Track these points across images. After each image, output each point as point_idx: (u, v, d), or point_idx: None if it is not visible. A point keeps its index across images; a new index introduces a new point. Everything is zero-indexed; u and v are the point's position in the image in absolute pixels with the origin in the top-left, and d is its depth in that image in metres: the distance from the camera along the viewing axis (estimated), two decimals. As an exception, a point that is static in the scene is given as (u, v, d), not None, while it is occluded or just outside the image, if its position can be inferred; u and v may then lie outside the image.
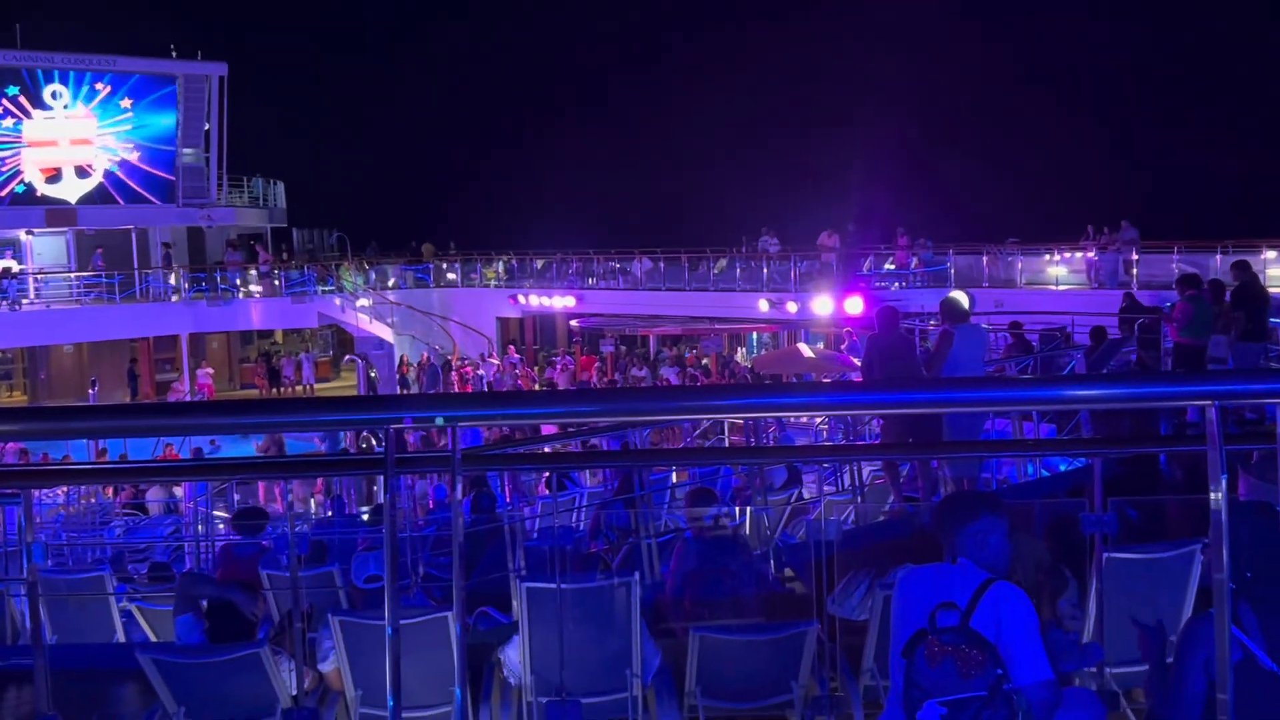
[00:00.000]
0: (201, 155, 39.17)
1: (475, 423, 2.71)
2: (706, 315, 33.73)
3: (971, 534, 3.64)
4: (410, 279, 40.83)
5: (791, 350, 26.03)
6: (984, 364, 10.53)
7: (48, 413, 3.05)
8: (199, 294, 36.73)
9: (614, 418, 2.88)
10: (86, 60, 36.49)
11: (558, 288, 37.55)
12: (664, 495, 11.79)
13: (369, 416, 2.79)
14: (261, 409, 3.02)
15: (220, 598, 5.76)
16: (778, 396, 3.26)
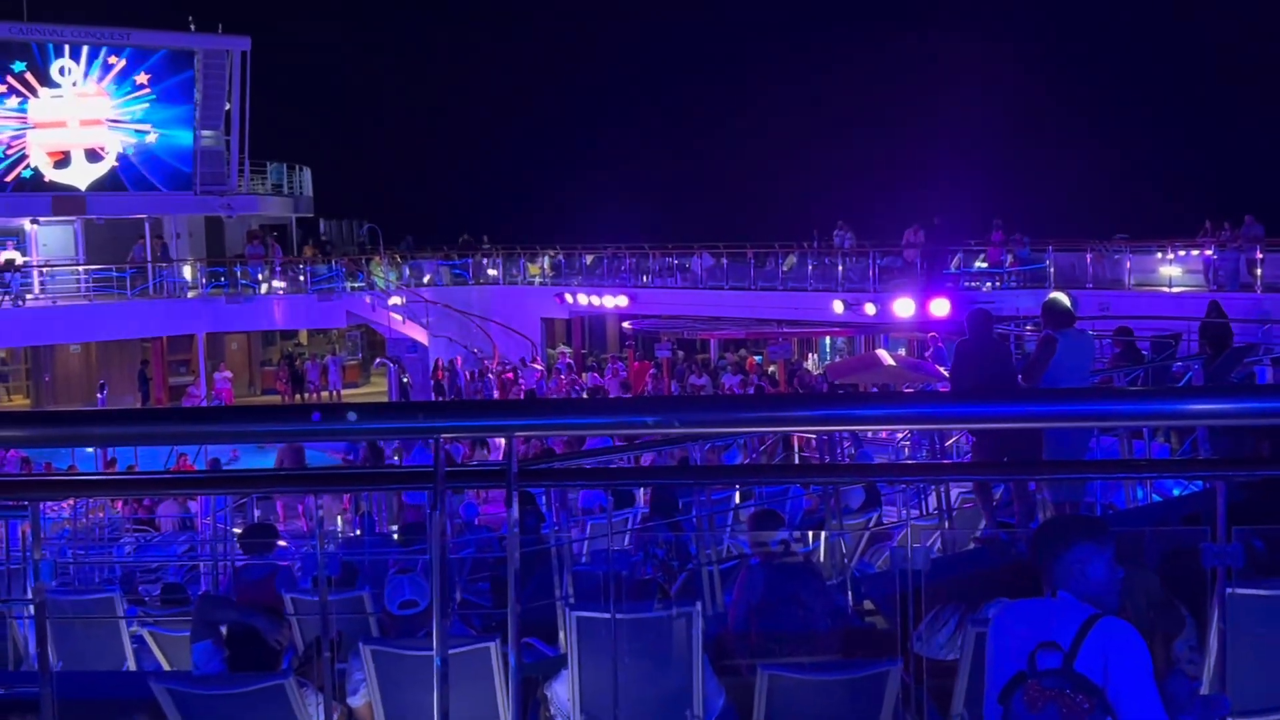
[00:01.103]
0: (221, 138, 39.65)
1: (536, 433, 2.70)
2: (774, 317, 33.62)
3: (1069, 564, 3.61)
4: (447, 275, 41.12)
5: (869, 357, 25.91)
6: (1090, 374, 10.41)
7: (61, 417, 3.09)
8: (217, 290, 37.21)
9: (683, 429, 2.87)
10: (98, 33, 36.99)
11: (609, 286, 37.60)
12: (725, 517, 11.78)
13: (416, 425, 2.80)
14: (297, 415, 3.05)
15: (242, 623, 5.83)
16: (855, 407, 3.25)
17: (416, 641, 5.51)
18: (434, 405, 3.01)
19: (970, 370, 9.64)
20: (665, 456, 11.79)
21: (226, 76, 38.78)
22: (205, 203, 39.26)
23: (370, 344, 44.20)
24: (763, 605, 6.43)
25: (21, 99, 36.03)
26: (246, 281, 37.64)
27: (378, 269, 39.97)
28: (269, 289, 38.21)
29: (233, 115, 39.48)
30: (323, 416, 2.88)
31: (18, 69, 35.82)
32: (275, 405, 29.75)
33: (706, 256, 35.88)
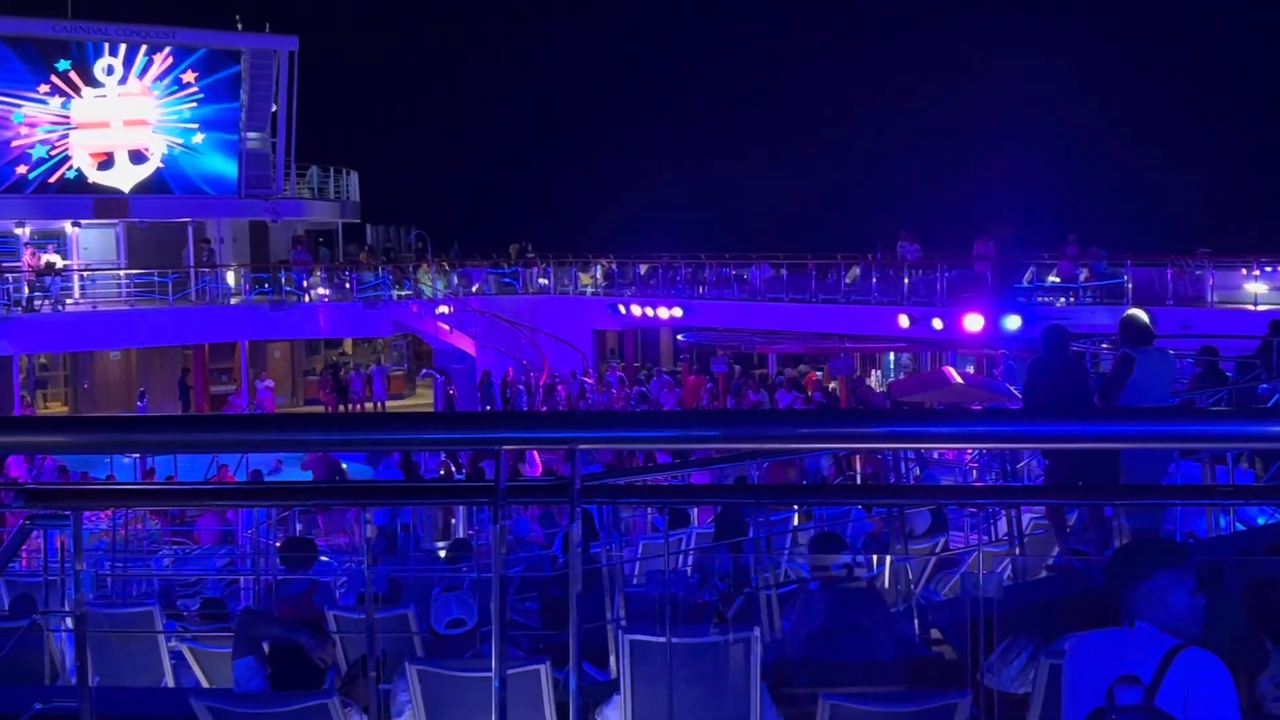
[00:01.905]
0: (268, 140, 40.11)
1: (599, 445, 2.71)
2: (835, 332, 33.48)
3: (1148, 593, 3.57)
4: (496, 284, 41.31)
5: (936, 374, 25.76)
6: (1170, 396, 10.30)
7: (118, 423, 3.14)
8: (261, 296, 37.60)
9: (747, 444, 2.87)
10: (143, 31, 37.52)
11: (663, 297, 37.61)
12: (784, 539, 11.75)
13: (479, 435, 2.82)
14: (363, 424, 3.09)
15: (285, 639, 5.88)
16: (922, 425, 3.24)
17: (464, 662, 5.54)
18: (496, 416, 3.01)
19: (1045, 389, 9.57)
20: (722, 475, 11.78)
21: (273, 77, 39.23)
22: (250, 207, 39.67)
23: (416, 354, 44.50)
24: (824, 632, 6.40)
25: (65, 99, 36.57)
26: (291, 288, 37.98)
27: (425, 277, 40.21)
28: (314, 296, 38.54)
29: (279, 117, 39.93)
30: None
31: (62, 68, 36.36)
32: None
33: (765, 267, 35.80)
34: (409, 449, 17.92)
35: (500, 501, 2.94)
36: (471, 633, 6.02)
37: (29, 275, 34.81)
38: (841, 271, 33.80)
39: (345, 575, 8.35)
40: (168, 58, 37.80)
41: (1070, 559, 9.43)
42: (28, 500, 5.34)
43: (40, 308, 34.35)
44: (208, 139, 38.87)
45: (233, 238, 40.24)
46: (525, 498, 6.27)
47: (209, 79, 38.49)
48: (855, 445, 4.51)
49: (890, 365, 36.71)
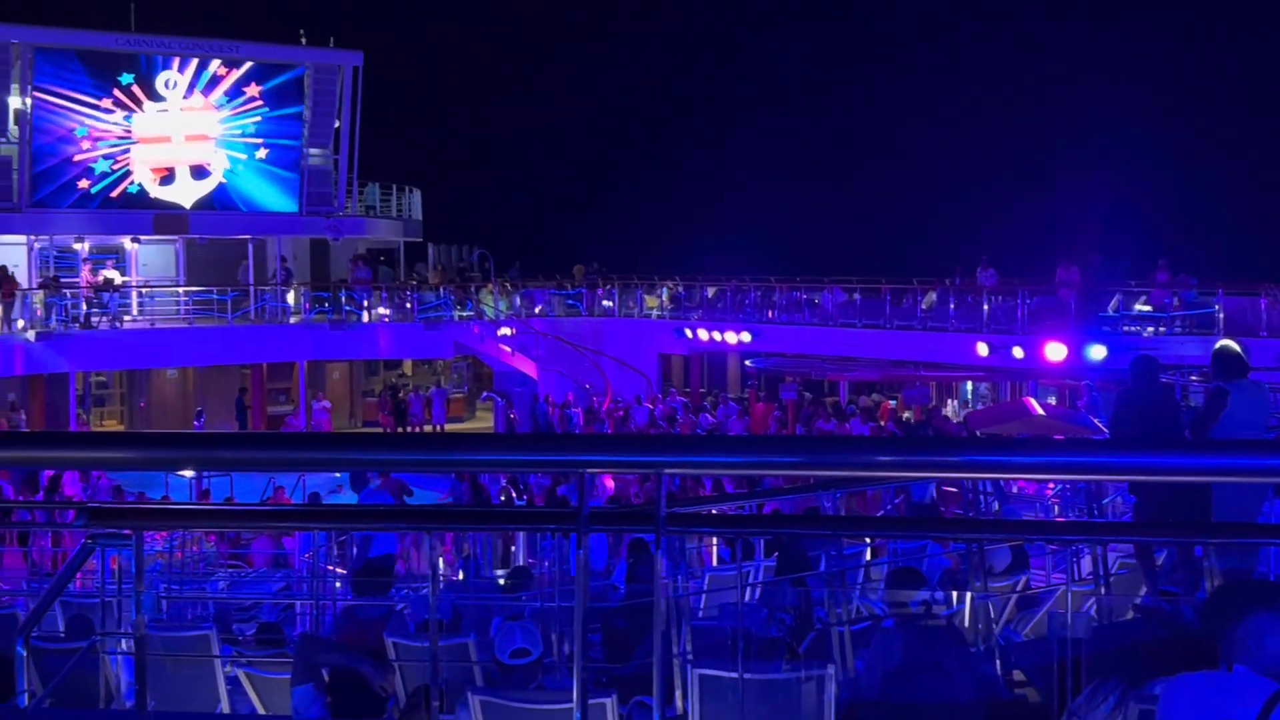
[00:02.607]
0: (330, 157, 40.59)
1: (687, 470, 2.69)
2: (911, 359, 33.29)
3: (1244, 635, 3.53)
4: (560, 305, 41.46)
5: (1016, 405, 25.51)
6: (1265, 431, 10.13)
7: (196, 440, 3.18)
8: (320, 316, 38.00)
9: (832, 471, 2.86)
10: (206, 45, 38.12)
11: (731, 321, 37.55)
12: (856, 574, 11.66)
13: (563, 457, 2.83)
14: (448, 445, 3.10)
15: (346, 667, 5.93)
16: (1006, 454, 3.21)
17: (528, 693, 5.55)
18: (581, 437, 2.99)
19: (1133, 421, 9.45)
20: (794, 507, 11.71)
21: (337, 93, 39.69)
22: (311, 224, 40.10)
23: (477, 377, 44.73)
24: (901, 670, 6.34)
25: (127, 113, 37.18)
26: (351, 308, 38.35)
27: (487, 297, 40.44)
28: (374, 316, 38.89)
29: (342, 133, 40.39)
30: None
31: (125, 82, 36.99)
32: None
33: (838, 291, 35.65)
34: (494, 470, 18.00)
35: (584, 528, 2.94)
36: (535, 663, 6.03)
37: (87, 291, 35.44)
38: (917, 296, 33.63)
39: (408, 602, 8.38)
40: (231, 71, 38.34)
41: (1159, 600, 9.29)
42: (90, 519, 5.43)
43: (98, 324, 34.94)
44: (270, 155, 39.37)
45: (293, 256, 40.70)
46: (609, 525, 6.23)
47: (272, 93, 38.99)
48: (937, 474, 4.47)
49: (968, 395, 36.40)
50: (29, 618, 7.20)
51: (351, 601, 11.12)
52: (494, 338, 39.17)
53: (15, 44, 34.87)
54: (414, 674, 7.14)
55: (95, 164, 36.96)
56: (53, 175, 36.37)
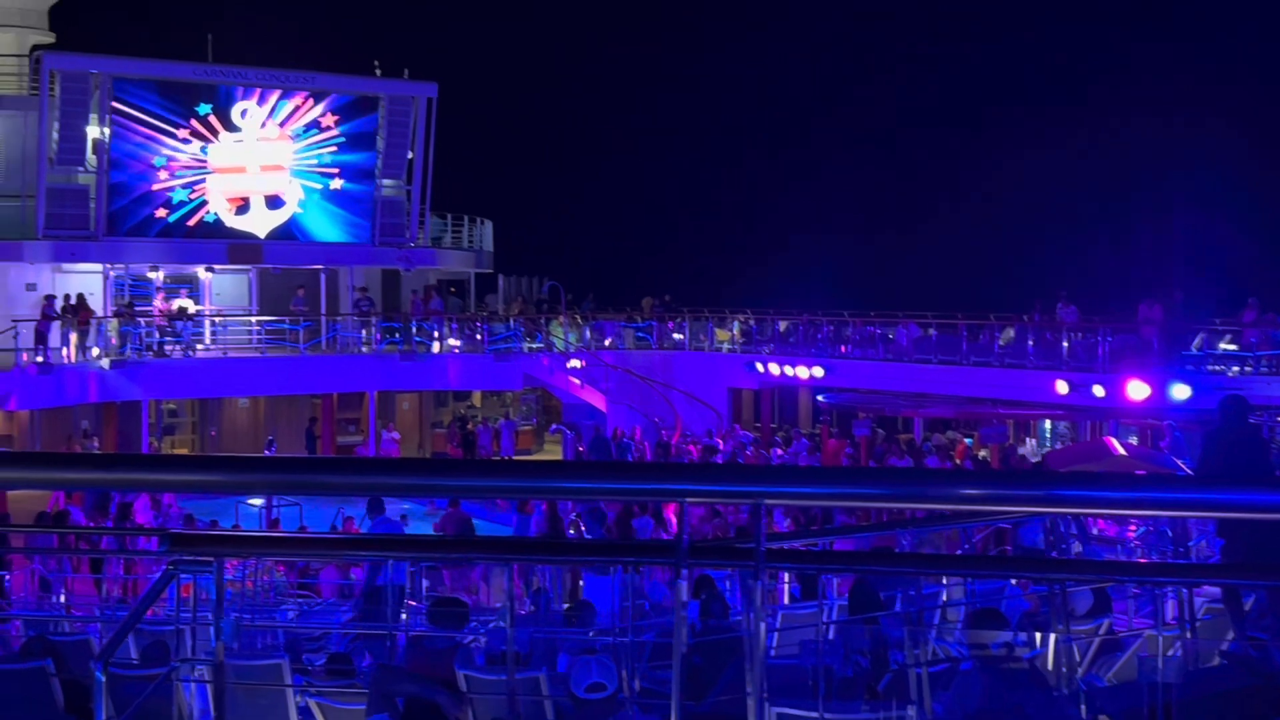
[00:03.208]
0: (403, 188, 41.08)
1: (787, 501, 2.67)
2: (987, 396, 32.98)
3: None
4: (630, 338, 41.54)
5: (1096, 444, 25.22)
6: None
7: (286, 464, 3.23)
8: (391, 346, 38.37)
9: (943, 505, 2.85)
10: (282, 76, 38.73)
11: (803, 355, 37.46)
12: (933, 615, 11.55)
13: (661, 486, 2.83)
14: (547, 472, 3.12)
15: (422, 697, 5.97)
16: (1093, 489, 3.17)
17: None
18: (680, 467, 2.96)
19: (1222, 462, 9.33)
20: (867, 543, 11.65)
21: (411, 124, 40.17)
22: (383, 254, 40.55)
23: (545, 409, 44.88)
24: (981, 714, 6.28)
25: (204, 143, 37.83)
26: (421, 339, 38.68)
27: (557, 329, 40.64)
28: (444, 347, 39.19)
29: (415, 164, 40.86)
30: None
31: (203, 111, 37.63)
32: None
33: (913, 327, 35.46)
34: (591, 499, 18.03)
35: (683, 562, 2.93)
36: (610, 698, 6.03)
37: (161, 320, 36.03)
38: (995, 332, 33.36)
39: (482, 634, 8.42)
40: (306, 102, 38.91)
41: (1247, 646, 9.13)
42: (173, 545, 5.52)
43: (171, 353, 35.49)
44: (344, 185, 39.87)
45: (365, 285, 41.15)
46: (708, 559, 6.19)
47: (347, 124, 39.52)
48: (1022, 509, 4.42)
49: (1046, 434, 35.97)
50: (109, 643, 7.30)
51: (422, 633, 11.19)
52: (563, 370, 39.32)
53: (95, 74, 35.63)
54: (486, 707, 7.17)
55: (174, 193, 37.58)
56: (131, 204, 37.04)
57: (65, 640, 11.99)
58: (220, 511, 27.43)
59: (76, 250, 35.97)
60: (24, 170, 35.68)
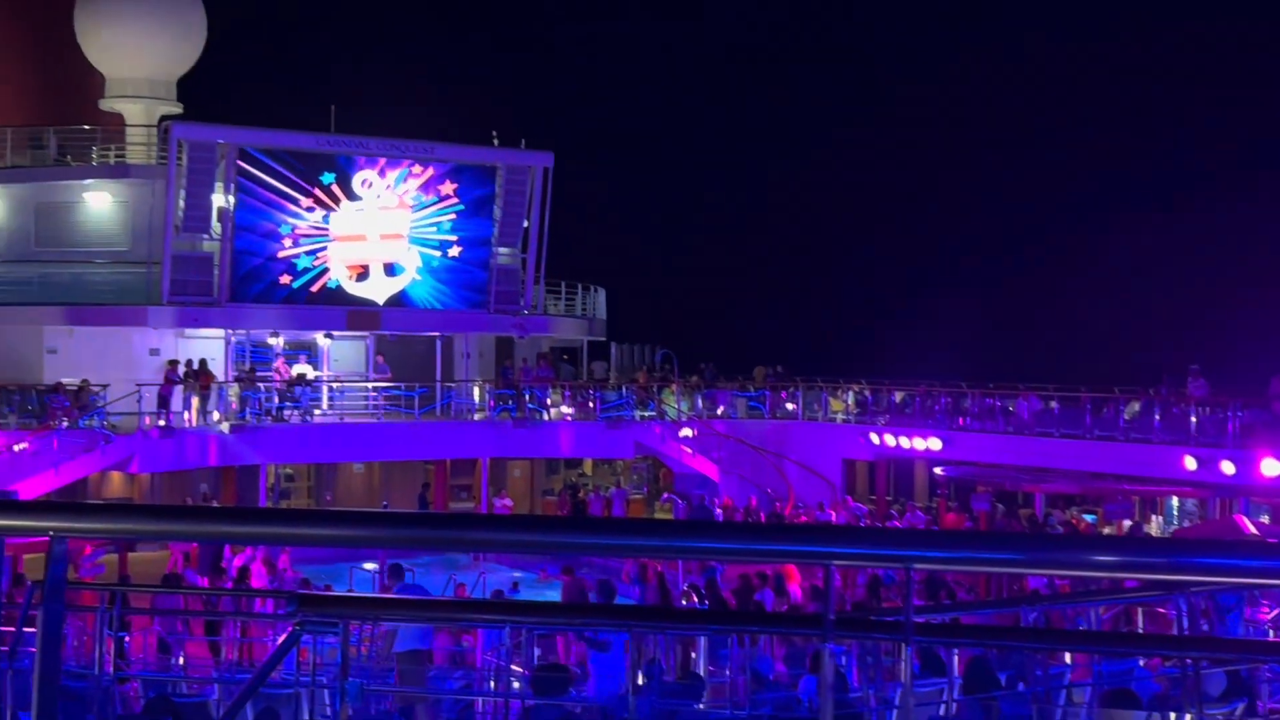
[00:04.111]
0: (518, 256, 41.66)
1: (935, 565, 2.63)
2: (1112, 472, 32.37)
3: None
4: (742, 407, 41.53)
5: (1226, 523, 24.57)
6: None
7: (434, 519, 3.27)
8: (504, 413, 38.76)
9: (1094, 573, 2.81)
10: (402, 146, 39.58)
11: (920, 427, 37.12)
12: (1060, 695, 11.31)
13: (808, 549, 2.82)
14: (693, 532, 3.13)
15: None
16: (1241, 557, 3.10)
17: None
18: (826, 528, 2.89)
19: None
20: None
21: (527, 193, 40.79)
22: (498, 322, 41.07)
23: (656, 477, 44.90)
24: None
25: (326, 211, 38.69)
26: (534, 405, 39.02)
27: (669, 398, 40.74)
28: (556, 414, 39.49)
29: (531, 233, 41.43)
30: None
31: (327, 181, 38.50)
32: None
33: (1034, 399, 34.99)
34: (734, 560, 17.97)
35: (830, 634, 2.90)
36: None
37: (280, 385, 36.79)
38: (1120, 406, 32.82)
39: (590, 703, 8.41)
40: (425, 171, 39.68)
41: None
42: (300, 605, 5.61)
43: (289, 418, 36.21)
44: (461, 253, 40.51)
45: (479, 353, 41.69)
46: (856, 631, 6.07)
47: (465, 193, 40.21)
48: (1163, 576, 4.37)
49: (1173, 511, 35.11)
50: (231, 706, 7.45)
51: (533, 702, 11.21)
52: (675, 438, 39.36)
53: (221, 143, 36.69)
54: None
55: (298, 260, 38.41)
56: (255, 271, 37.91)
57: (185, 701, 12.22)
58: (334, 577, 27.75)
59: (200, 316, 36.88)
60: (150, 237, 36.75)
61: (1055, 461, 33.34)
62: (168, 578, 23.15)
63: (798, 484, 38.30)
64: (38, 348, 35.99)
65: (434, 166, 39.71)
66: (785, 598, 23.16)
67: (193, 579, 24.32)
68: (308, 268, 38.51)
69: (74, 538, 3.56)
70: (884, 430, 37.90)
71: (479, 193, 40.43)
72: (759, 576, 22.49)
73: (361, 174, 38.86)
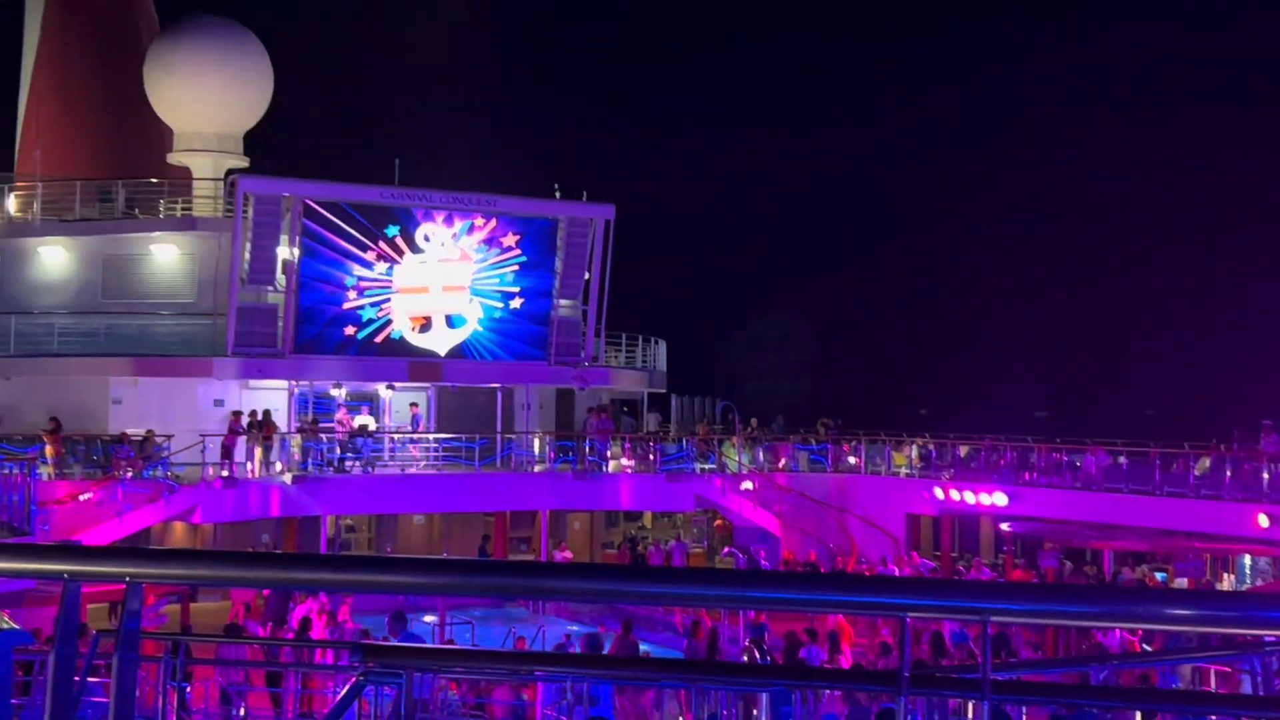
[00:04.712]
0: (579, 308, 41.81)
1: (1014, 619, 2.55)
2: (1182, 529, 31.89)
3: None
4: (804, 461, 41.36)
5: (1301, 582, 24.04)
6: None
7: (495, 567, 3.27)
8: (564, 465, 38.79)
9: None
10: (465, 199, 39.90)
11: (985, 481, 36.79)
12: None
13: (883, 600, 2.79)
14: (753, 582, 3.10)
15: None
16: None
17: None
18: (902, 581, 2.82)
19: None
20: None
21: (589, 245, 40.98)
22: (558, 374, 41.18)
23: (716, 531, 44.71)
24: None
25: (390, 264, 39.02)
26: (594, 458, 39.03)
27: (730, 450, 40.64)
28: (616, 466, 39.47)
29: (592, 285, 41.57)
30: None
31: (391, 234, 38.85)
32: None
33: (1102, 454, 34.62)
34: (812, 610, 17.85)
35: (905, 690, 2.85)
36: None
37: (342, 436, 37.04)
38: (1190, 462, 32.38)
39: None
40: (488, 224, 39.96)
41: None
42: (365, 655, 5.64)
43: (351, 469, 36.42)
44: (523, 305, 40.72)
45: (539, 404, 41.78)
46: (932, 689, 5.96)
47: (526, 245, 40.45)
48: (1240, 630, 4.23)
49: (1245, 570, 34.50)
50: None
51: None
52: (736, 492, 39.21)
53: (286, 196, 37.18)
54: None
55: (363, 311, 38.75)
56: (320, 322, 38.25)
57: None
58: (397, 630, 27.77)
59: (264, 367, 37.23)
60: (215, 289, 37.22)
61: (1124, 518, 32.96)
62: (229, 628, 23.25)
63: (861, 539, 38.02)
64: (104, 398, 36.45)
65: (496, 219, 39.97)
66: (838, 655, 22.92)
67: (254, 630, 24.42)
68: (372, 319, 38.82)
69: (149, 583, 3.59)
70: (948, 485, 37.59)
71: (540, 245, 40.63)
72: (807, 633, 22.25)
73: (426, 227, 39.15)
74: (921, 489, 38.40)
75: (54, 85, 44.63)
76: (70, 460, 33.21)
